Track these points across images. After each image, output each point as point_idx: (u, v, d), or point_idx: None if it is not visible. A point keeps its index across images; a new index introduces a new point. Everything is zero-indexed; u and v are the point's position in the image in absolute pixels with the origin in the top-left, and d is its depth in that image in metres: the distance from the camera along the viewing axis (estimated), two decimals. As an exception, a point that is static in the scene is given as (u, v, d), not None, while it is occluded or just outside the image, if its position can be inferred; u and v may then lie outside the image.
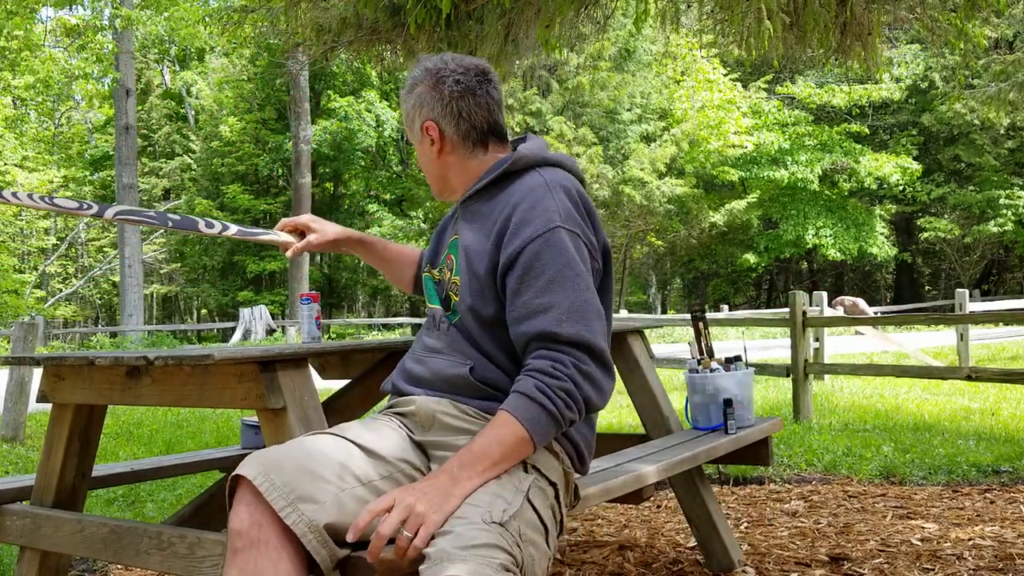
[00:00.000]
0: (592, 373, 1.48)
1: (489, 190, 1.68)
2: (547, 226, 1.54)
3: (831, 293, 26.65)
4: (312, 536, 1.35)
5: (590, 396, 1.48)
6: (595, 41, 19.10)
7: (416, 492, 1.34)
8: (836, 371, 6.76)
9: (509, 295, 1.55)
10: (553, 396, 1.44)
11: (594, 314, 1.51)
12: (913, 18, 4.11)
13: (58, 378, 2.00)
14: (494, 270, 1.58)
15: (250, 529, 1.35)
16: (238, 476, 1.39)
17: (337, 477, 1.42)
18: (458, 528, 1.31)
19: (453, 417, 1.59)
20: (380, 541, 1.29)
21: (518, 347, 1.55)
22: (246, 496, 1.37)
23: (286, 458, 1.41)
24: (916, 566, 2.66)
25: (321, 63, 5.03)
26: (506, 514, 1.36)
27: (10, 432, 6.10)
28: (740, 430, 2.60)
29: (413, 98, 1.72)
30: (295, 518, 1.34)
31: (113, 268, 29.45)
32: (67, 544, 1.94)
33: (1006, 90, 10.23)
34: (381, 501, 1.34)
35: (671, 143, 22.70)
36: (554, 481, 1.53)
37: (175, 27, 20.39)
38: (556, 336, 1.47)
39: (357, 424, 1.61)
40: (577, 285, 1.51)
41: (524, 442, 1.43)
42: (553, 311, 1.49)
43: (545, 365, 1.46)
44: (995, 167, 25.37)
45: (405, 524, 1.30)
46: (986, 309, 13.42)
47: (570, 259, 1.53)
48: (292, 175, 22.73)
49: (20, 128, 23.88)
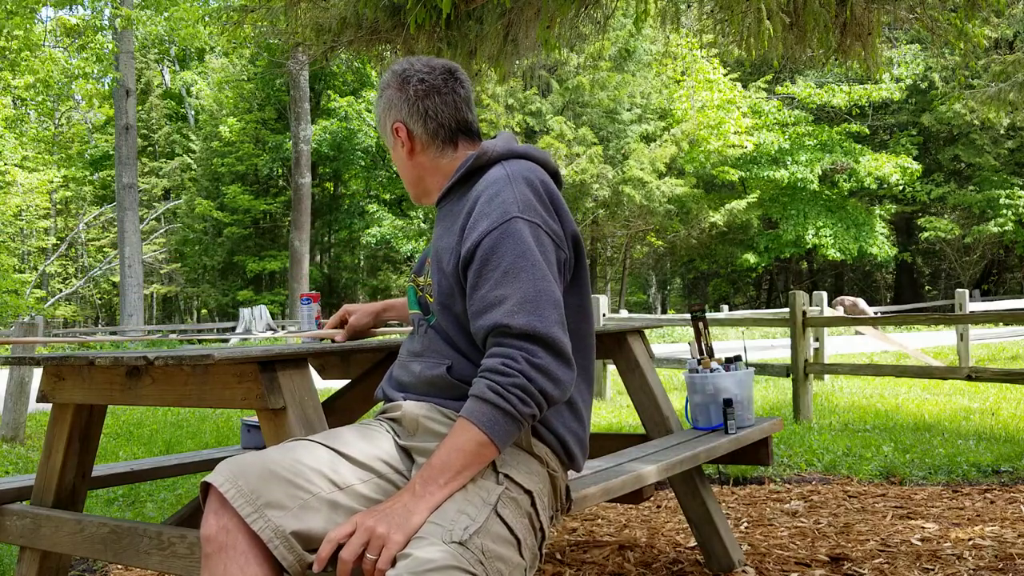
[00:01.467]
0: (545, 365, 1.43)
1: (458, 188, 1.68)
2: (503, 217, 1.51)
3: (831, 293, 26.67)
4: (279, 542, 1.35)
5: (546, 389, 1.43)
6: (595, 41, 19.10)
7: (377, 514, 1.34)
8: (836, 371, 6.76)
9: (468, 290, 1.53)
10: (506, 394, 1.41)
11: (549, 304, 1.47)
12: (913, 18, 4.11)
13: (58, 378, 2.00)
14: (458, 266, 1.57)
15: (218, 534, 1.35)
16: (206, 483, 1.40)
17: (308, 482, 1.41)
18: (416, 552, 1.29)
19: (436, 422, 1.58)
20: (344, 567, 1.29)
21: (479, 343, 1.53)
22: (213, 503, 1.38)
23: (254, 465, 1.41)
24: (916, 566, 2.66)
25: (321, 63, 5.02)
26: (467, 531, 1.33)
27: (10, 432, 6.10)
28: (740, 430, 2.60)
29: (383, 102, 1.74)
30: (261, 524, 1.34)
31: (113, 268, 29.47)
32: (67, 544, 1.94)
33: (1006, 90, 10.22)
34: (343, 527, 1.33)
35: (671, 143, 22.70)
36: (529, 489, 1.49)
37: (175, 27, 20.39)
38: (508, 329, 1.44)
39: (347, 429, 1.60)
40: (532, 275, 1.47)
41: (484, 446, 1.41)
42: (506, 303, 1.46)
43: (496, 363, 1.43)
44: (995, 167, 25.38)
45: (367, 547, 1.29)
46: (986, 309, 13.43)
47: (525, 249, 1.49)
48: (292, 175, 22.72)
49: (20, 128, 23.88)
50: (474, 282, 1.51)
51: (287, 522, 1.36)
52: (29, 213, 28.96)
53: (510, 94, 21.66)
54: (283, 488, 1.38)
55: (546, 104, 22.05)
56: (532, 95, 21.94)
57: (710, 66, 22.68)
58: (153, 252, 31.96)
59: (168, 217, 32.73)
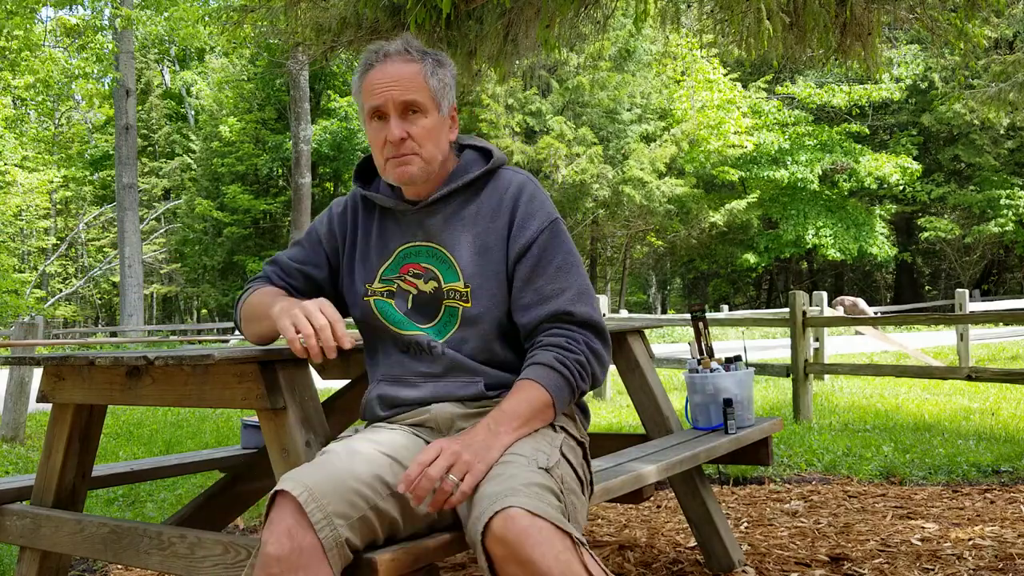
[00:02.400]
0: (599, 351, 1.60)
1: (465, 191, 1.68)
2: (549, 218, 1.65)
3: (831, 293, 26.67)
4: (336, 551, 1.33)
5: (596, 371, 1.59)
6: (595, 41, 19.10)
7: (461, 443, 1.39)
8: (836, 371, 6.76)
9: (519, 284, 1.62)
10: (571, 366, 1.55)
11: (594, 297, 1.65)
12: (913, 18, 4.11)
13: (58, 378, 2.00)
14: (506, 268, 1.63)
15: (290, 554, 1.31)
16: (279, 492, 1.36)
17: (370, 489, 1.41)
18: (509, 471, 1.37)
19: (472, 418, 1.60)
20: (428, 483, 1.33)
21: (527, 329, 1.61)
22: (287, 519, 1.33)
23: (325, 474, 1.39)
24: (916, 566, 2.66)
25: (321, 63, 5.03)
26: (550, 461, 1.44)
27: (10, 432, 6.10)
28: (740, 430, 2.60)
29: (448, 74, 1.67)
30: (327, 533, 1.33)
31: (113, 268, 29.46)
32: (67, 544, 1.94)
33: (1006, 90, 10.22)
34: (428, 451, 1.37)
35: (671, 143, 22.70)
36: (581, 440, 1.63)
37: (175, 27, 20.39)
38: (571, 315, 1.59)
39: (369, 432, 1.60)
40: (580, 271, 1.64)
41: (548, 406, 1.52)
42: (566, 294, 1.60)
43: (561, 341, 1.56)
44: (995, 167, 25.39)
45: (452, 469, 1.34)
46: (986, 309, 13.43)
47: (572, 247, 1.66)
48: (292, 175, 22.71)
49: (20, 128, 23.88)
50: (527, 276, 1.62)
51: (345, 532, 1.35)
52: (29, 213, 28.97)
53: (510, 94, 21.66)
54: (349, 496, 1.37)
55: (546, 104, 22.05)
56: (532, 95, 21.93)
57: (710, 66, 22.68)
58: (153, 252, 31.96)
59: (168, 217, 32.74)
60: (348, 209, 1.79)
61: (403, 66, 1.61)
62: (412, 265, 1.68)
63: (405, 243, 1.69)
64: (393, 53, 1.62)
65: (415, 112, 1.61)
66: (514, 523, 1.25)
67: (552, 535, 1.25)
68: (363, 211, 1.77)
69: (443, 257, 1.65)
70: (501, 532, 1.25)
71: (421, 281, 1.66)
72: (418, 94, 1.61)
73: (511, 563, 1.25)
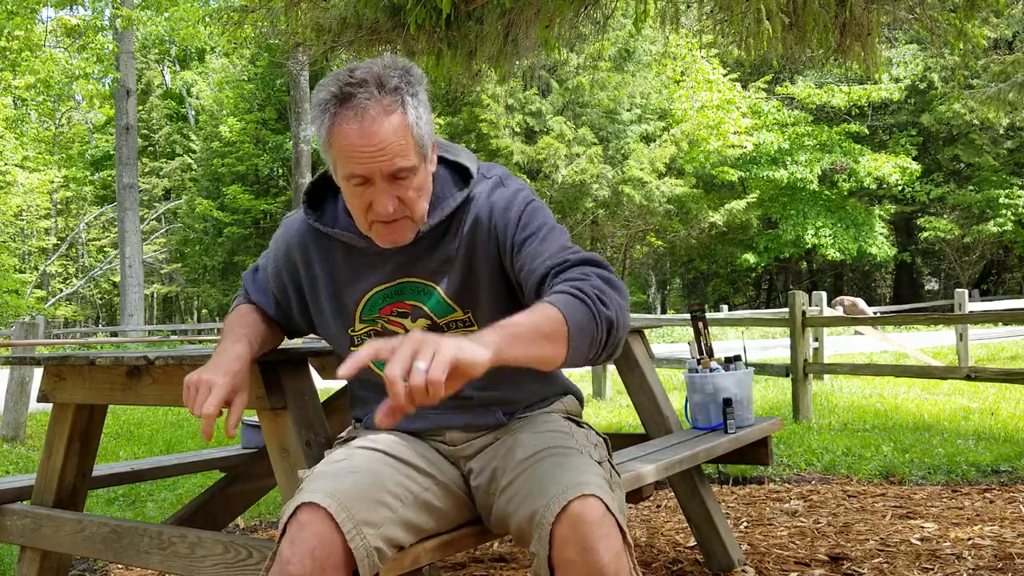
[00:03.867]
0: (615, 280, 1.36)
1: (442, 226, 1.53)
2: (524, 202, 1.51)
3: (831, 293, 26.66)
4: (367, 561, 1.30)
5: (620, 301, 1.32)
6: (595, 41, 19.11)
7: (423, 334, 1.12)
8: (836, 371, 6.76)
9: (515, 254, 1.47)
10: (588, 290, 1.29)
11: None
12: (913, 18, 4.11)
13: (59, 378, 2.00)
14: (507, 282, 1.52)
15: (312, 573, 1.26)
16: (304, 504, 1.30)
17: (394, 497, 1.39)
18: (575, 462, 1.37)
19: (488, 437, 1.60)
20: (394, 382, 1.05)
21: (532, 291, 1.42)
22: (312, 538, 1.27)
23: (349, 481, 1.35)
24: (915, 566, 2.66)
25: (321, 63, 5.03)
26: (601, 456, 1.44)
27: (10, 432, 6.10)
28: (740, 430, 2.60)
29: (424, 98, 1.43)
30: (358, 542, 1.29)
31: (113, 268, 29.45)
32: (67, 544, 1.94)
33: (1005, 90, 10.22)
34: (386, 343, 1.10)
35: (671, 143, 22.68)
36: (605, 437, 1.61)
37: (175, 27, 20.39)
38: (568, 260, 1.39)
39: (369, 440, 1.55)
40: (566, 235, 1.49)
41: (559, 323, 1.21)
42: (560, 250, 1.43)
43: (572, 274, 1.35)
44: (994, 167, 25.37)
45: (416, 356, 1.07)
46: (985, 309, 13.43)
47: (552, 217, 1.53)
48: (292, 175, 22.73)
49: (20, 128, 23.88)
50: (519, 245, 1.46)
51: (375, 541, 1.33)
52: (29, 213, 28.96)
53: (510, 94, 21.64)
54: (375, 505, 1.35)
55: (546, 104, 22.03)
56: (532, 95, 21.92)
57: (710, 66, 22.67)
58: (153, 252, 31.95)
59: (168, 217, 32.74)
60: (299, 252, 1.59)
61: (384, 121, 1.35)
62: (395, 305, 1.54)
63: (382, 283, 1.53)
64: (366, 101, 1.34)
65: (404, 177, 1.40)
66: (592, 511, 1.26)
67: (616, 532, 1.27)
68: (318, 250, 1.57)
69: (429, 291, 1.52)
70: (578, 515, 1.25)
71: (408, 320, 1.54)
72: (407, 157, 1.38)
73: (573, 548, 1.25)
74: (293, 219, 1.63)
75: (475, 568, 2.78)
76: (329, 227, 1.54)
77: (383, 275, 1.53)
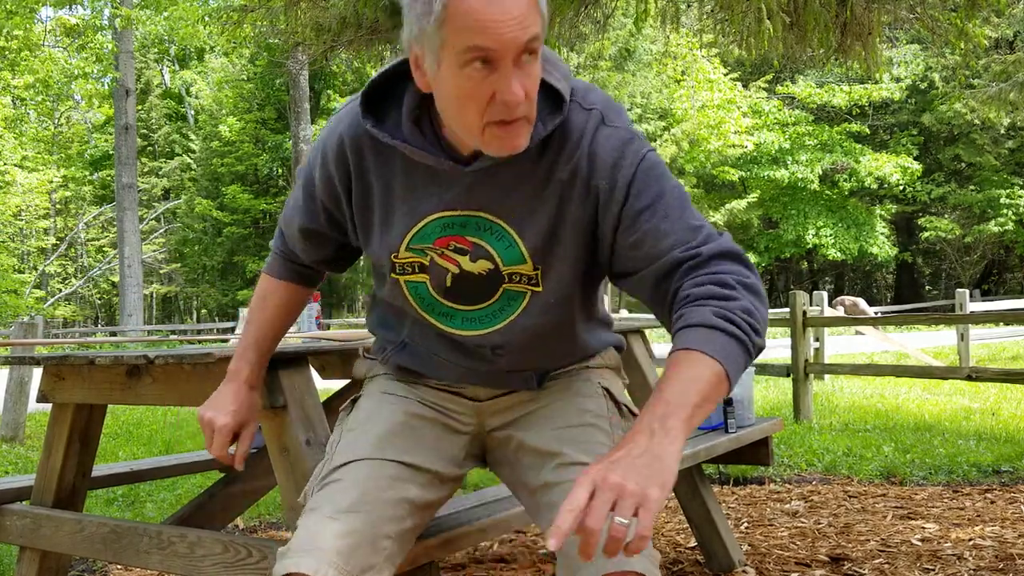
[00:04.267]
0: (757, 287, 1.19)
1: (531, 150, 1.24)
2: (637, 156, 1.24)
3: (831, 293, 26.66)
4: None
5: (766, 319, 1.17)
6: (595, 41, 19.09)
7: (617, 467, 0.99)
8: (836, 371, 6.76)
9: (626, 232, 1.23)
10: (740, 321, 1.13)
11: None
12: (913, 18, 4.11)
13: (58, 378, 2.00)
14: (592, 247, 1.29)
15: None
16: None
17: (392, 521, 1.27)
18: None
19: None
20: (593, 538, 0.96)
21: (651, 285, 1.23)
22: None
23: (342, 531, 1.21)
24: (916, 566, 2.66)
25: (321, 63, 5.03)
26: None
27: (10, 432, 6.09)
28: (740, 430, 2.60)
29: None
30: None
31: (113, 268, 29.44)
32: (67, 544, 1.94)
33: (1006, 90, 10.23)
34: (579, 492, 0.98)
35: (671, 143, 22.69)
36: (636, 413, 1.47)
37: (174, 26, 20.40)
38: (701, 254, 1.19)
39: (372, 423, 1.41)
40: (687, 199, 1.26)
41: (721, 379, 1.10)
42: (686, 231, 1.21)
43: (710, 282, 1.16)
44: (995, 167, 25.39)
45: (615, 508, 0.96)
46: (986, 309, 13.43)
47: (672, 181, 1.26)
48: (292, 175, 22.74)
49: (20, 128, 23.89)
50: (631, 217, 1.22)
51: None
52: (29, 213, 28.98)
53: (510, 94, 21.65)
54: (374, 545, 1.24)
55: (546, 104, 22.04)
56: (532, 95, 21.94)
57: (710, 66, 22.66)
58: (153, 252, 31.95)
59: (168, 217, 32.75)
60: (351, 152, 1.31)
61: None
62: (454, 238, 1.29)
63: (445, 210, 1.27)
64: None
65: (530, 55, 1.12)
66: None
67: None
68: (375, 155, 1.30)
69: (501, 233, 1.27)
70: None
71: (467, 259, 1.30)
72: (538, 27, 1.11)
73: None
74: (343, 119, 1.33)
75: (475, 568, 2.77)
76: (393, 139, 1.25)
77: (446, 201, 1.26)
